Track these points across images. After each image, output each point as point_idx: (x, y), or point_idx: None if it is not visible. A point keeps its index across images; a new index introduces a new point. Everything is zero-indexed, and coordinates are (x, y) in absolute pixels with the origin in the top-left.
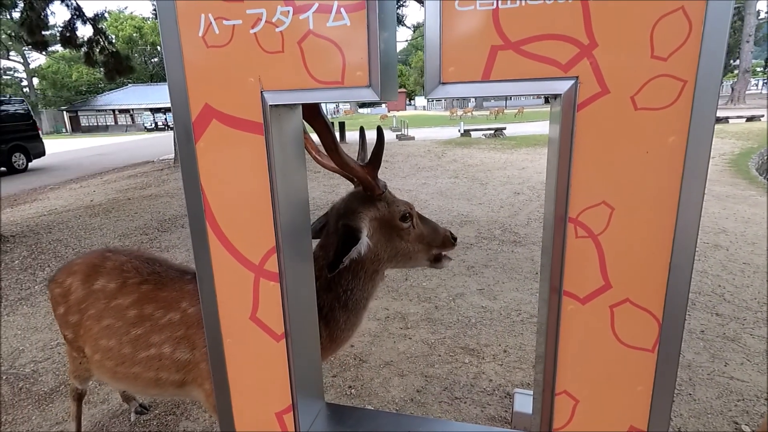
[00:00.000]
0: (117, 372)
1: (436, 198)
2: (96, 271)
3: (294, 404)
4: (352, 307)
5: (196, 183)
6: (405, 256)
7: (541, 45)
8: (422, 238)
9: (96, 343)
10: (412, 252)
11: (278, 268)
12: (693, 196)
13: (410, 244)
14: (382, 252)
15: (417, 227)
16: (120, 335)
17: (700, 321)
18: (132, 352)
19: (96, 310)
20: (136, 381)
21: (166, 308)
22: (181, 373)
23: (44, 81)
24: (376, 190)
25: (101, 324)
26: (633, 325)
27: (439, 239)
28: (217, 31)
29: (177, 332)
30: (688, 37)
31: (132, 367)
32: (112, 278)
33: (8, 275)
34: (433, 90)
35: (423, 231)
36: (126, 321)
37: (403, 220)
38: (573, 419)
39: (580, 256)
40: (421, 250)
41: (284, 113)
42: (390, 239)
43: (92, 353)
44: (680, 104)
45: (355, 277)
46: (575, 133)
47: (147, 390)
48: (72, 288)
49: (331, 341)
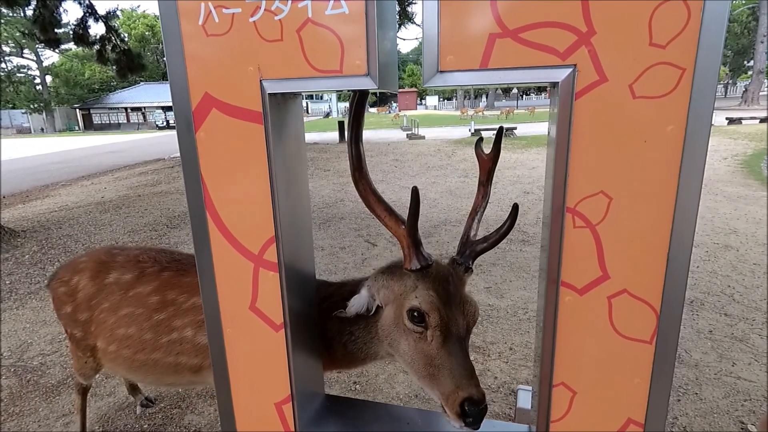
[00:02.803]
0: (135, 360)
1: (445, 197)
2: (106, 267)
3: (293, 394)
4: (350, 350)
5: (196, 172)
6: (405, 362)
7: (539, 33)
8: (429, 363)
9: (112, 333)
10: (410, 365)
11: (277, 258)
12: (691, 186)
13: (414, 354)
14: (387, 335)
15: (433, 344)
16: (141, 322)
17: (708, 321)
18: (153, 338)
19: (110, 302)
20: (155, 367)
21: (190, 293)
22: (199, 357)
23: (57, 79)
24: (408, 261)
25: (118, 314)
26: (631, 317)
27: (446, 387)
28: (216, 19)
29: (200, 315)
30: (687, 25)
31: (152, 353)
32: (126, 270)
33: (18, 269)
34: (431, 78)
35: (435, 357)
36: (148, 307)
37: (411, 318)
38: (570, 411)
39: (578, 247)
40: (420, 374)
41: (283, 102)
42: (397, 328)
43: (107, 345)
44: (679, 93)
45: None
46: (573, 122)
47: (163, 377)
48: (80, 285)
49: None
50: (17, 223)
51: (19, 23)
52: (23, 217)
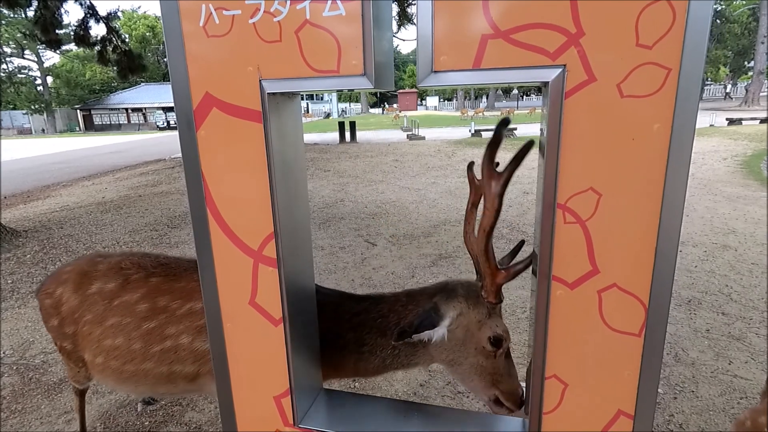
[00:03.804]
0: (124, 371)
1: (445, 197)
2: (88, 277)
3: (292, 388)
4: (387, 363)
5: (197, 170)
6: (467, 373)
7: (530, 34)
8: (495, 372)
9: (98, 345)
10: (477, 376)
11: (276, 253)
12: (677, 182)
13: (481, 368)
14: (448, 353)
15: (499, 360)
16: (129, 332)
17: (705, 320)
18: (143, 347)
19: (93, 314)
20: (146, 378)
21: (184, 298)
22: (196, 365)
23: (58, 80)
24: (493, 296)
25: (104, 325)
26: (620, 310)
27: (508, 388)
28: (217, 21)
29: (197, 321)
30: (672, 26)
31: (142, 363)
32: (109, 279)
33: (20, 269)
34: (425, 78)
35: (501, 368)
36: (136, 316)
37: (491, 342)
38: (562, 403)
39: (569, 242)
40: (485, 382)
41: (282, 101)
42: (464, 348)
43: (93, 357)
44: (665, 92)
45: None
46: (563, 121)
47: (155, 388)
48: (63, 298)
49: (327, 366)
50: (19, 222)
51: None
52: (24, 217)
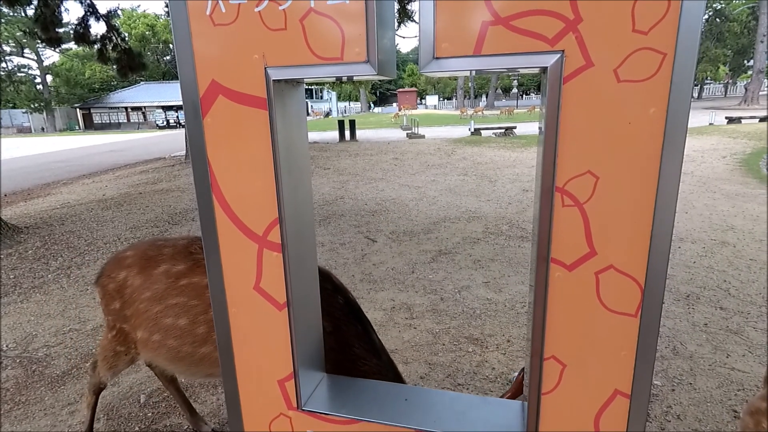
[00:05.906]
0: (181, 351)
1: (444, 194)
2: (154, 260)
3: (295, 372)
4: (360, 368)
5: (204, 157)
6: None
7: (529, 20)
8: None
9: (156, 323)
10: None
11: (281, 239)
12: (672, 165)
13: None
14: None
15: None
16: (195, 314)
17: (704, 314)
18: (207, 332)
19: (153, 291)
20: (201, 360)
21: None
22: None
23: (58, 78)
24: None
25: (165, 303)
26: (617, 291)
27: None
28: (223, 9)
29: None
30: (667, 12)
31: (202, 347)
32: (177, 261)
33: (22, 264)
34: (427, 64)
35: None
36: (204, 300)
37: None
38: (561, 383)
39: (567, 224)
40: None
41: (287, 89)
42: None
43: (149, 335)
44: (660, 76)
45: None
46: (561, 105)
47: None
48: (128, 281)
49: None
50: (20, 219)
51: (20, 22)
52: (25, 214)
